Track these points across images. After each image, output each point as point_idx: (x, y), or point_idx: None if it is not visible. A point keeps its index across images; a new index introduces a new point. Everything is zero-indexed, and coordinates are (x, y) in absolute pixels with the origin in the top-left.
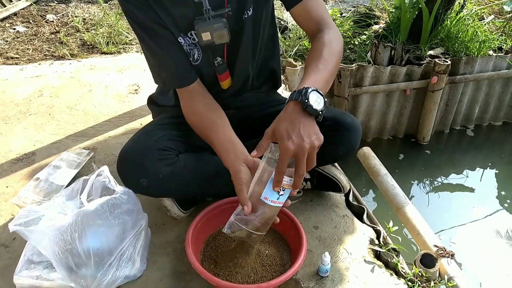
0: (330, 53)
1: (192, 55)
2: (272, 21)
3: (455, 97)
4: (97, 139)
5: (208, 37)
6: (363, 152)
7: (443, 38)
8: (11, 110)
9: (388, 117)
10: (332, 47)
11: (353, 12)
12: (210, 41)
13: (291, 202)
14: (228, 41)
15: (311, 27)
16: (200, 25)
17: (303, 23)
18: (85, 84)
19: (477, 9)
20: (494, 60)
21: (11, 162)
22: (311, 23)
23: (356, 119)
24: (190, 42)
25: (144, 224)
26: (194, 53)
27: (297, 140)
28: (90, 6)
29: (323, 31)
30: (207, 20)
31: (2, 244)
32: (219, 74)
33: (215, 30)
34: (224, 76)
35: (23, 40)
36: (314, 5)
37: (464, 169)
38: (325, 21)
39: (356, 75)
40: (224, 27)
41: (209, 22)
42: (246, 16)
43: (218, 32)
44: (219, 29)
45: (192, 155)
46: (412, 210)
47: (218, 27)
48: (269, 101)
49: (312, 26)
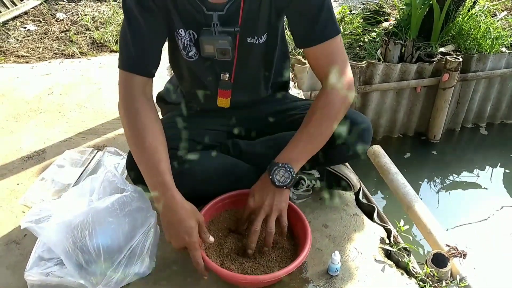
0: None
1: (188, 51)
2: (282, 37)
3: (467, 94)
4: (106, 136)
5: (210, 50)
6: (373, 150)
7: (454, 35)
8: (22, 108)
9: (398, 115)
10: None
11: (363, 9)
12: (212, 54)
13: (300, 201)
14: (230, 59)
15: (319, 74)
16: (205, 37)
17: (313, 68)
18: (94, 82)
19: (489, 5)
20: (507, 57)
21: (21, 160)
22: (319, 70)
23: (367, 119)
24: (191, 38)
25: (153, 222)
26: (191, 50)
27: (258, 201)
28: (99, 4)
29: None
30: (213, 34)
31: (13, 241)
32: (220, 89)
33: (219, 45)
34: (224, 93)
35: (34, 38)
36: (325, 52)
37: (475, 167)
38: (334, 72)
39: (366, 73)
40: (229, 45)
41: (215, 36)
42: (257, 43)
43: (221, 48)
44: (223, 46)
45: (201, 153)
46: (423, 209)
47: (223, 43)
48: (280, 99)
49: (320, 74)
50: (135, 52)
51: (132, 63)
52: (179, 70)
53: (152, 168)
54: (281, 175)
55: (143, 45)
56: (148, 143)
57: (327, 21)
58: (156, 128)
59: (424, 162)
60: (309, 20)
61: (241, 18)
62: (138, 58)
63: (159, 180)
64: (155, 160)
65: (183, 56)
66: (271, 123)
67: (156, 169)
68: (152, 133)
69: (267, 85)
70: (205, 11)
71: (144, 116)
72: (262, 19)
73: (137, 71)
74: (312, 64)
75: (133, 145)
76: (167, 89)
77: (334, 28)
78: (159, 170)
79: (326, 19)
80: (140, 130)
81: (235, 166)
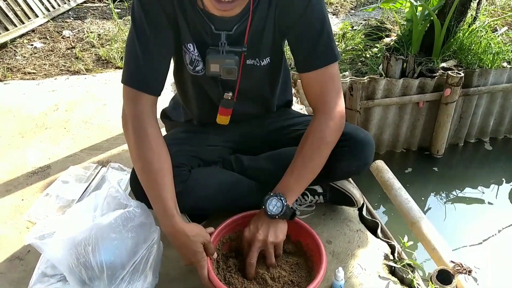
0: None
1: (195, 65)
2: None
3: (469, 109)
4: (111, 152)
5: (216, 69)
6: (376, 166)
7: (455, 50)
8: (28, 124)
9: (401, 130)
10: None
11: (364, 25)
12: (217, 73)
13: (303, 216)
14: (235, 79)
15: (311, 101)
16: (212, 55)
17: (305, 93)
18: (99, 98)
19: (489, 21)
20: (509, 72)
21: (26, 175)
22: (311, 97)
23: (369, 134)
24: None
25: (156, 237)
26: (199, 65)
27: (252, 232)
28: (105, 22)
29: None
30: (220, 53)
31: (17, 257)
32: (221, 107)
33: (225, 65)
34: (225, 111)
35: (40, 55)
36: (319, 79)
37: (479, 183)
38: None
39: (368, 88)
40: (235, 65)
41: (222, 55)
42: (258, 65)
43: (227, 68)
44: (229, 65)
45: (204, 169)
46: (427, 225)
47: (229, 63)
48: (282, 115)
49: (311, 100)
50: (144, 70)
51: (142, 81)
52: (184, 86)
53: (156, 195)
54: (273, 204)
55: (153, 63)
56: (154, 167)
57: (324, 48)
58: (162, 152)
59: (427, 177)
60: (307, 47)
61: (247, 39)
62: (148, 77)
63: (162, 206)
64: (159, 185)
65: (189, 71)
66: (274, 138)
67: (160, 195)
68: (158, 157)
69: (270, 104)
70: (213, 30)
71: (152, 139)
72: (265, 42)
73: (146, 90)
74: (305, 90)
75: (139, 168)
76: (172, 106)
77: (332, 55)
78: (162, 196)
79: (324, 46)
80: (148, 153)
81: (238, 182)
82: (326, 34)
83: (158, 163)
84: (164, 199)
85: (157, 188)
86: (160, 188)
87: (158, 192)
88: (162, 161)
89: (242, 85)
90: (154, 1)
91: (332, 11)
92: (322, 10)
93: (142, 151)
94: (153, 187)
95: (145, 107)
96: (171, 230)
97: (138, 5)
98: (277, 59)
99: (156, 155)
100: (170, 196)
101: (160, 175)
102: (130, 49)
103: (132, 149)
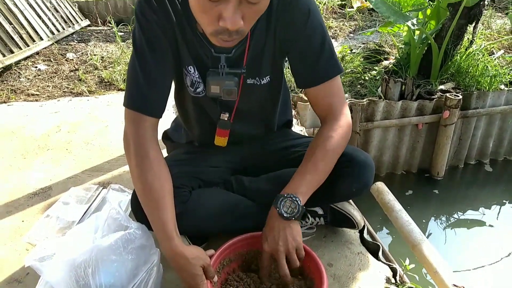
0: (323, 154)
1: (196, 87)
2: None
3: (468, 131)
4: (111, 173)
5: (216, 91)
6: (377, 187)
7: (453, 73)
8: (30, 145)
9: (401, 152)
10: (329, 144)
11: (363, 49)
12: (217, 95)
13: (304, 238)
14: (235, 99)
15: (319, 113)
16: (212, 77)
17: (313, 106)
18: (102, 120)
19: (486, 44)
20: (506, 94)
21: (27, 197)
22: (319, 109)
23: (369, 156)
24: (199, 75)
25: (156, 260)
26: (199, 86)
27: (271, 244)
28: (108, 44)
29: (327, 124)
30: (220, 75)
31: (16, 280)
32: (219, 128)
33: (225, 86)
34: (222, 133)
35: (44, 77)
36: (326, 92)
37: (480, 205)
38: (334, 110)
39: (368, 110)
40: (235, 86)
41: (222, 77)
42: (258, 84)
43: (227, 89)
44: (229, 87)
45: (205, 190)
46: (429, 247)
47: (229, 84)
48: (283, 136)
49: (320, 112)
50: (146, 93)
51: (143, 103)
52: (184, 107)
53: (157, 217)
54: (288, 206)
55: (154, 86)
56: (155, 189)
57: (328, 62)
58: (163, 173)
59: (428, 199)
60: (311, 61)
61: (246, 60)
62: (149, 99)
63: (162, 229)
64: (159, 207)
65: (189, 92)
66: (274, 159)
67: (160, 217)
68: (159, 179)
69: (270, 123)
70: (213, 53)
71: (153, 161)
72: (265, 61)
73: (147, 112)
74: (312, 103)
75: (140, 190)
76: (173, 127)
77: (336, 68)
78: (162, 218)
79: (327, 59)
80: (149, 175)
81: (238, 203)
82: (327, 47)
83: (159, 185)
84: (164, 221)
85: (157, 210)
86: (160, 210)
87: (158, 214)
88: (162, 183)
89: (242, 105)
90: (155, 26)
91: (331, 35)
92: (321, 24)
93: (143, 173)
94: (153, 209)
95: (147, 129)
96: (170, 253)
97: (139, 30)
98: (277, 77)
99: (157, 176)
100: (170, 218)
101: (161, 197)
102: (131, 73)
103: (133, 171)
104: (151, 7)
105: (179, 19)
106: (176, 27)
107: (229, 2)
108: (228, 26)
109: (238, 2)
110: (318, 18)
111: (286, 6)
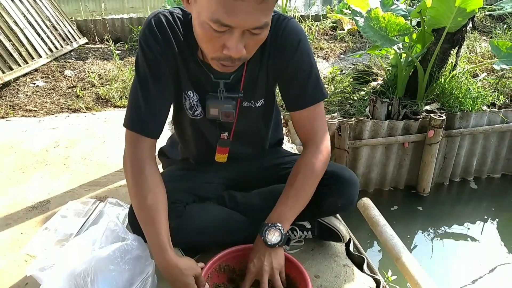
0: (304, 180)
1: (194, 110)
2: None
3: (453, 150)
4: (108, 188)
5: (215, 113)
6: (363, 203)
7: (438, 94)
8: (29, 160)
9: (388, 169)
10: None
11: (353, 70)
12: (216, 117)
13: (292, 251)
14: (233, 121)
15: (302, 136)
16: (211, 101)
17: (297, 129)
18: (99, 136)
19: (469, 68)
20: (488, 115)
21: (26, 210)
22: (302, 132)
23: (354, 174)
24: (198, 99)
25: (151, 270)
26: (197, 109)
27: (257, 265)
28: (105, 62)
29: (308, 149)
30: (218, 99)
31: None
32: (219, 146)
33: (224, 109)
34: (222, 150)
35: (42, 94)
36: (310, 116)
37: (465, 221)
38: (315, 135)
39: (356, 129)
40: (233, 109)
41: (220, 101)
42: (254, 106)
43: (226, 112)
44: (227, 109)
45: (198, 205)
46: (410, 260)
47: (227, 107)
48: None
49: (302, 135)
50: (145, 117)
51: (142, 125)
52: (182, 128)
53: (151, 231)
54: (272, 234)
55: (153, 110)
56: (150, 205)
57: (314, 88)
58: (158, 190)
59: (413, 214)
60: (299, 86)
61: (243, 85)
62: (148, 122)
63: (156, 241)
64: (154, 221)
65: (188, 115)
66: (266, 175)
67: (154, 230)
68: (154, 195)
69: (263, 142)
70: (212, 79)
71: (149, 179)
72: (259, 86)
73: (146, 133)
74: (296, 126)
75: (136, 205)
76: (169, 144)
77: (321, 94)
78: (157, 231)
79: (314, 85)
80: (144, 192)
81: (231, 218)
82: (314, 75)
83: (154, 201)
84: (158, 234)
85: (152, 224)
86: (155, 224)
87: (153, 227)
88: (157, 199)
89: (239, 126)
90: (157, 55)
91: (322, 56)
92: (309, 55)
93: (139, 190)
94: (148, 223)
95: (144, 149)
96: (164, 264)
97: (142, 57)
98: (270, 100)
99: (152, 193)
100: (164, 232)
101: (155, 211)
102: (133, 96)
103: (130, 187)
104: (154, 38)
105: (180, 48)
106: (178, 55)
107: (234, 33)
108: (232, 55)
109: (242, 32)
110: (307, 48)
111: (278, 36)
